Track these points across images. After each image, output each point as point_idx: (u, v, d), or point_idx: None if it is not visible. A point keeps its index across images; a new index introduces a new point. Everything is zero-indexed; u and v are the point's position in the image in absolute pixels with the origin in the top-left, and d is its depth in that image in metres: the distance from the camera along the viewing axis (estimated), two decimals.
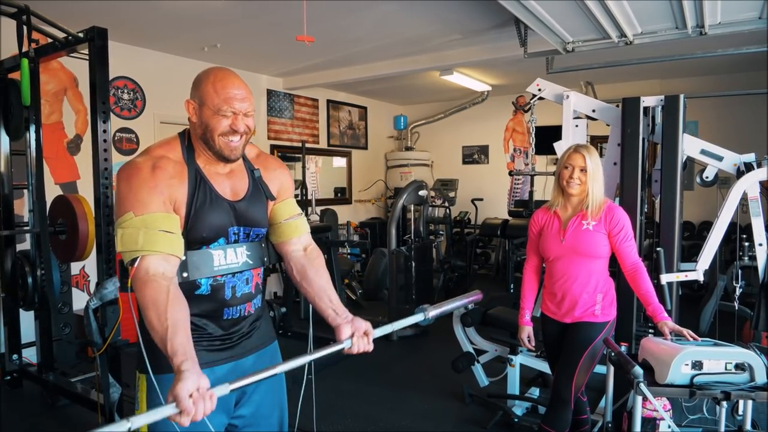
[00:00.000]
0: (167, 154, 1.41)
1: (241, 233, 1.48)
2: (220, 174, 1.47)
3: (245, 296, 1.50)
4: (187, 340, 1.21)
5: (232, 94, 1.38)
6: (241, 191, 1.49)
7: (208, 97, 1.38)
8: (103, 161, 2.88)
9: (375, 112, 8.61)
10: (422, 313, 1.62)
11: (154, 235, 1.29)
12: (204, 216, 1.39)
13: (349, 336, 1.45)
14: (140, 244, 1.28)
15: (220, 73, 1.41)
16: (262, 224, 1.54)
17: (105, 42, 2.90)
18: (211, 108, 1.38)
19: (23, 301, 3.65)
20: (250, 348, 1.53)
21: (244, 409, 1.50)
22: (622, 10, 3.46)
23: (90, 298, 2.44)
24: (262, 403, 1.49)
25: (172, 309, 1.23)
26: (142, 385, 1.44)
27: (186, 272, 1.38)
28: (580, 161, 2.33)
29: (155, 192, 1.32)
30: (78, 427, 3.32)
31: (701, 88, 6.50)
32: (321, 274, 1.59)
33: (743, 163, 2.93)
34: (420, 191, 5.39)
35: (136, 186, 1.32)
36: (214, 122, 1.38)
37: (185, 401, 1.10)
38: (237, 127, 1.39)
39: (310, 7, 3.78)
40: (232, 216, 1.45)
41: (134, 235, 1.29)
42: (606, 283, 2.41)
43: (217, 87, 1.38)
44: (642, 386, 1.87)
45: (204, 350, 1.42)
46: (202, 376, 1.15)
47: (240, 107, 1.39)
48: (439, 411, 3.49)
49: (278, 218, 1.58)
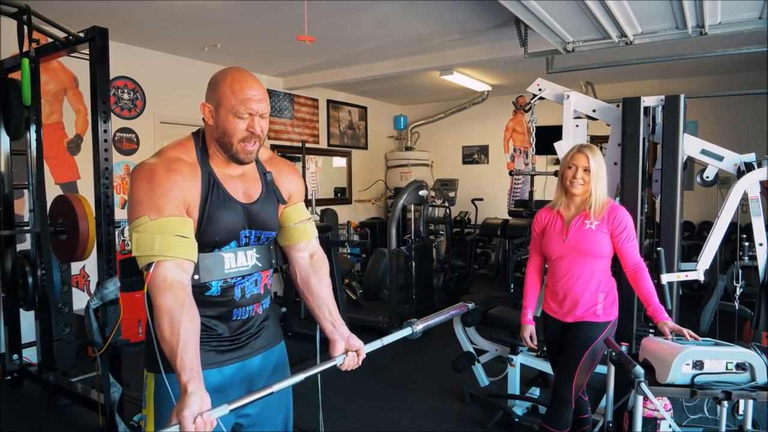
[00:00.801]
0: (181, 155, 1.41)
1: (252, 236, 1.48)
2: (233, 176, 1.47)
3: (254, 297, 1.51)
4: (196, 355, 1.23)
5: (249, 95, 1.37)
6: (254, 194, 1.49)
7: (225, 98, 1.37)
8: (103, 161, 2.88)
9: (375, 112, 8.61)
10: (410, 328, 1.69)
11: (171, 241, 1.29)
12: (217, 219, 1.39)
13: (342, 353, 1.51)
14: (156, 249, 1.28)
15: (238, 74, 1.40)
16: (273, 227, 1.54)
17: (105, 42, 2.89)
18: (228, 109, 1.37)
19: (24, 300, 3.64)
20: (258, 348, 1.53)
21: (250, 408, 1.49)
22: (623, 10, 3.46)
23: (90, 297, 2.43)
24: (269, 403, 1.49)
25: (186, 322, 1.24)
26: (150, 383, 1.44)
27: (197, 275, 1.38)
28: (584, 161, 2.33)
29: (170, 195, 1.32)
30: (79, 428, 3.32)
31: (701, 88, 6.50)
32: (323, 285, 1.61)
33: (744, 162, 2.93)
34: (420, 191, 5.39)
35: (151, 189, 1.31)
36: (232, 126, 1.38)
37: (189, 426, 1.13)
38: (254, 129, 1.39)
39: (310, 7, 3.78)
40: (245, 219, 1.45)
41: (150, 240, 1.29)
42: (608, 283, 2.41)
43: (234, 88, 1.37)
44: (643, 386, 1.87)
45: (213, 351, 1.43)
46: (205, 398, 1.18)
47: (257, 108, 1.38)
48: (440, 411, 3.49)
49: (288, 222, 1.59)
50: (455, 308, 1.94)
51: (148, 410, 1.45)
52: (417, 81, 6.85)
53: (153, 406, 1.44)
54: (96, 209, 2.95)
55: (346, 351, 1.51)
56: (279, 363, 1.61)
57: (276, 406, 1.58)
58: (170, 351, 1.22)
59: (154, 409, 1.43)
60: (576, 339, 2.37)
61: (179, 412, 1.14)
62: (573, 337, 2.39)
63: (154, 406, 1.43)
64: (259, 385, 1.49)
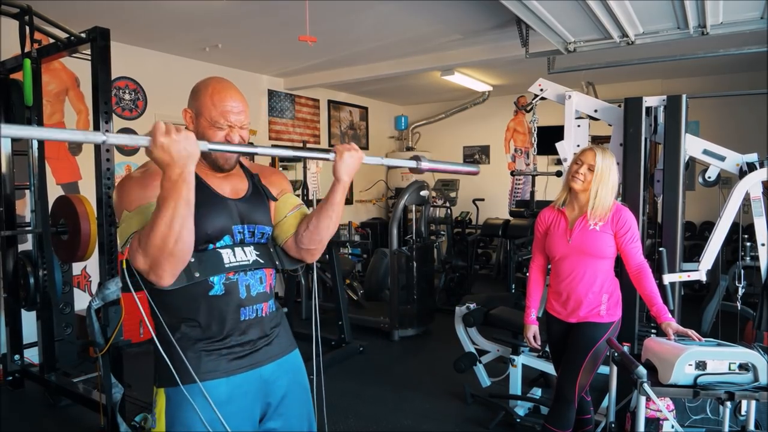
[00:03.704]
0: None
1: (246, 231, 1.47)
2: (218, 177, 1.48)
3: (260, 295, 1.48)
4: None
5: (229, 107, 1.40)
6: (241, 191, 1.50)
7: (205, 108, 1.40)
8: (105, 161, 2.88)
9: (376, 113, 8.61)
10: (415, 161, 1.56)
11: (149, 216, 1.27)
12: (206, 213, 1.39)
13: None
14: (134, 226, 1.29)
15: (219, 84, 1.42)
16: (266, 222, 1.53)
17: (107, 42, 2.90)
18: (208, 119, 1.40)
19: (25, 301, 3.64)
20: (271, 356, 1.50)
21: (272, 422, 1.48)
22: (624, 10, 3.45)
23: (92, 298, 2.43)
24: (291, 415, 1.48)
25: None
26: (160, 400, 1.40)
27: (197, 272, 1.36)
28: (591, 159, 2.33)
29: (148, 189, 1.33)
30: (80, 428, 3.32)
31: (703, 88, 6.50)
32: None
33: (746, 163, 2.92)
34: (421, 191, 5.39)
35: (128, 189, 1.34)
36: (210, 134, 1.40)
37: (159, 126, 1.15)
38: (231, 139, 1.41)
39: (311, 8, 3.78)
40: (235, 214, 1.45)
41: (130, 222, 1.31)
42: (612, 283, 2.41)
43: (214, 99, 1.39)
44: (646, 386, 1.87)
45: (224, 359, 1.40)
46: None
47: (236, 120, 1.41)
48: (441, 411, 3.48)
49: (282, 213, 1.58)
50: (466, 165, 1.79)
51: (158, 430, 1.40)
52: (418, 81, 6.85)
53: (165, 424, 1.39)
54: (97, 209, 2.96)
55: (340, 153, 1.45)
56: (295, 373, 1.57)
57: (299, 418, 1.56)
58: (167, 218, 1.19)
59: (167, 426, 1.38)
60: (580, 339, 2.37)
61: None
62: (576, 338, 2.38)
63: (166, 423, 1.38)
64: (274, 392, 1.48)
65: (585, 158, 2.34)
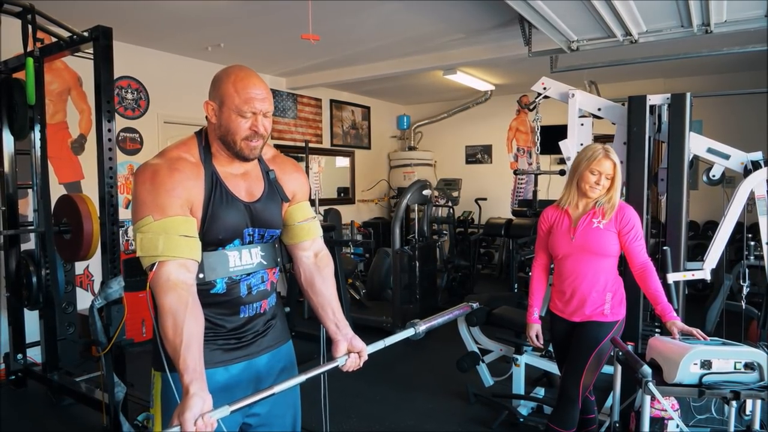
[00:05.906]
0: (184, 155, 1.41)
1: (256, 234, 1.48)
2: (236, 175, 1.47)
3: (261, 294, 1.50)
4: (199, 356, 1.24)
5: (253, 94, 1.37)
6: (256, 192, 1.49)
7: (228, 97, 1.37)
8: (108, 161, 2.88)
9: (378, 112, 8.60)
10: (413, 328, 1.68)
11: (175, 241, 1.29)
12: (220, 217, 1.39)
13: (344, 354, 1.50)
14: (160, 249, 1.28)
15: (241, 72, 1.40)
16: (277, 225, 1.53)
17: (110, 41, 2.90)
18: (232, 109, 1.37)
19: (28, 300, 3.65)
20: (265, 347, 1.52)
21: (258, 408, 1.49)
22: (628, 9, 3.44)
23: (95, 297, 2.43)
24: (277, 403, 1.49)
25: (189, 323, 1.25)
26: (157, 382, 1.44)
27: (202, 273, 1.38)
28: (609, 169, 2.29)
29: (173, 195, 1.32)
30: (82, 427, 3.32)
31: (706, 87, 6.48)
32: (328, 284, 1.60)
33: (750, 161, 2.91)
34: (424, 191, 5.38)
35: (154, 189, 1.32)
36: (235, 125, 1.38)
37: (190, 427, 1.14)
38: (257, 128, 1.39)
39: (313, 7, 3.78)
40: (248, 217, 1.45)
41: (154, 240, 1.29)
42: (615, 282, 2.39)
43: (237, 87, 1.37)
44: (651, 385, 1.86)
45: (219, 349, 1.43)
46: (207, 399, 1.18)
47: (260, 107, 1.38)
48: (444, 410, 3.48)
49: (292, 220, 1.59)
50: (458, 308, 1.93)
51: (155, 409, 1.45)
52: (420, 81, 6.84)
53: (161, 405, 1.43)
54: (100, 209, 2.95)
55: (349, 352, 1.51)
56: (287, 362, 1.60)
57: (284, 406, 1.58)
58: (173, 351, 1.23)
59: (162, 408, 1.43)
60: (584, 339, 2.36)
61: (180, 414, 1.14)
62: (580, 337, 2.37)
63: (162, 405, 1.43)
64: (266, 384, 1.48)
65: (602, 168, 2.29)
